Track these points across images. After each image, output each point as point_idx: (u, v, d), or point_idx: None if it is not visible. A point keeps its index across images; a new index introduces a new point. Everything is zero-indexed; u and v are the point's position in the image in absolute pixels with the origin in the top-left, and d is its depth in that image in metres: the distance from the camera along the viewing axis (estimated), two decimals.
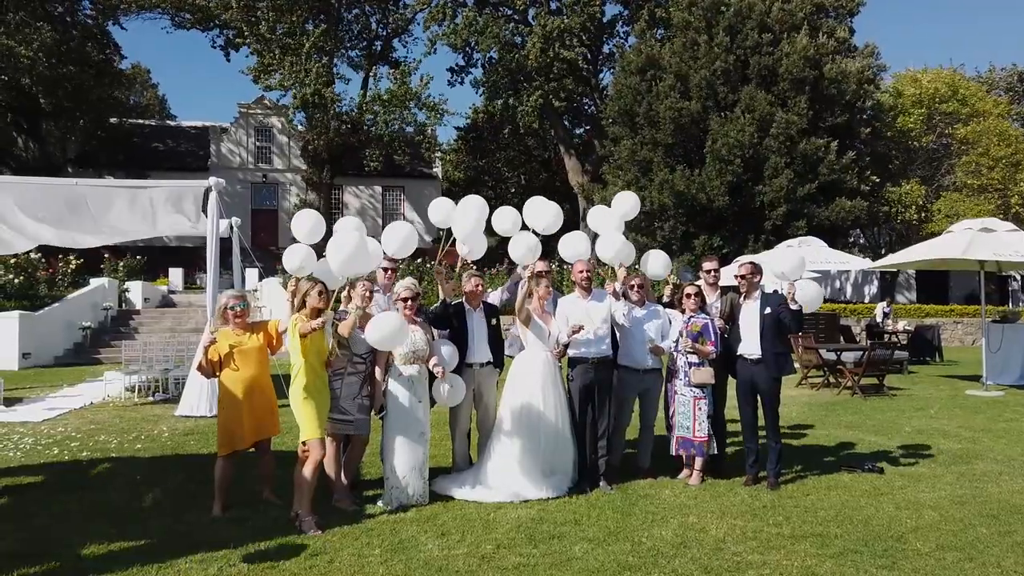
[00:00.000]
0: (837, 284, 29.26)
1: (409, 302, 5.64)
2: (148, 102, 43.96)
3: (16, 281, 16.94)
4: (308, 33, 27.16)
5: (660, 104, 23.06)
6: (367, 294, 5.53)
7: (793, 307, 6.11)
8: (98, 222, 7.77)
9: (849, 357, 12.11)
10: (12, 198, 6.95)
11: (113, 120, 30.82)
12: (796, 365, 12.66)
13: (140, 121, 36.05)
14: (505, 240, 6.69)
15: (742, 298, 6.41)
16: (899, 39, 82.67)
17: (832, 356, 12.17)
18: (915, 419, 9.33)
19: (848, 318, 20.57)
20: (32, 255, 17.88)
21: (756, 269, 6.91)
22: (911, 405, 10.48)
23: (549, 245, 6.89)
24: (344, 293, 5.75)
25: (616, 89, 25.69)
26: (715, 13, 23.27)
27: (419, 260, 21.96)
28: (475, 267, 6.69)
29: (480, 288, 6.33)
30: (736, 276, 6.41)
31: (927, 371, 15.02)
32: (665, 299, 7.17)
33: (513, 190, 43.33)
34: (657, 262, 6.76)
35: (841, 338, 16.18)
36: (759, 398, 6.23)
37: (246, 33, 27.13)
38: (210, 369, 5.36)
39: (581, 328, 5.85)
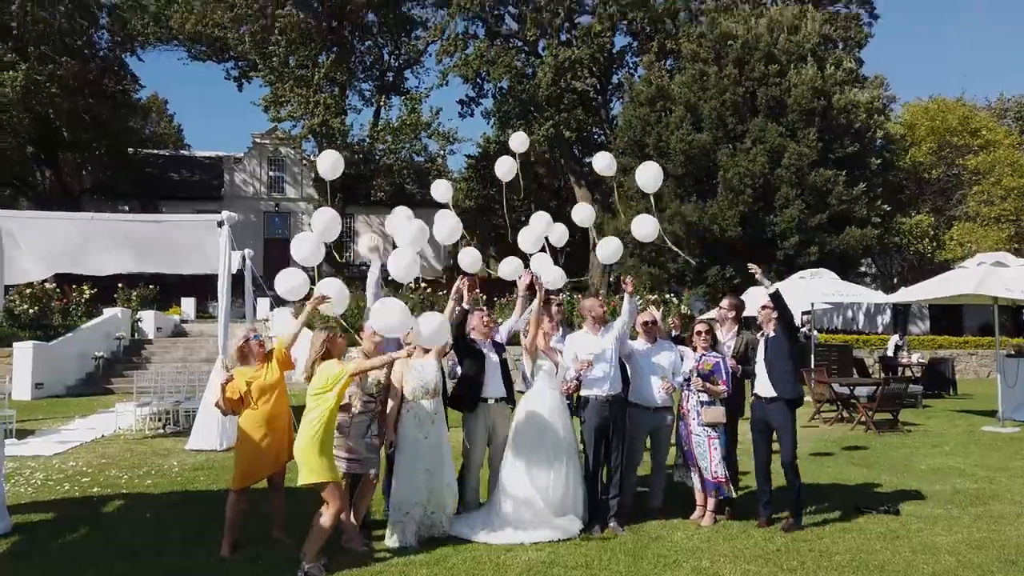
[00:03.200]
0: (849, 314, 29.08)
1: None
2: (164, 131, 44.58)
3: (31, 311, 17.08)
4: (320, 65, 27.57)
5: (671, 135, 23.19)
6: (377, 337, 5.56)
7: (770, 290, 6.08)
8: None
9: (862, 391, 12.01)
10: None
11: (129, 150, 31.23)
12: (808, 398, 12.58)
13: (155, 151, 36.53)
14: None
15: (760, 334, 6.34)
16: (908, 70, 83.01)
17: (845, 390, 12.07)
18: (930, 457, 9.21)
19: (861, 349, 20.42)
20: (47, 285, 18.06)
21: (742, 304, 6.94)
22: (926, 441, 10.36)
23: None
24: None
25: (626, 120, 25.88)
26: (723, 45, 23.48)
27: (428, 289, 22.04)
28: (480, 292, 6.71)
29: (486, 321, 6.33)
30: (761, 308, 6.28)
31: (942, 405, 14.85)
32: (674, 333, 7.17)
33: (523, 218, 43.52)
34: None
35: (854, 371, 16.04)
36: (775, 436, 6.15)
37: (260, 65, 27.56)
38: (229, 408, 5.37)
39: (590, 364, 5.83)
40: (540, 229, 6.94)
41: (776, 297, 6.05)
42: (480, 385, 6.07)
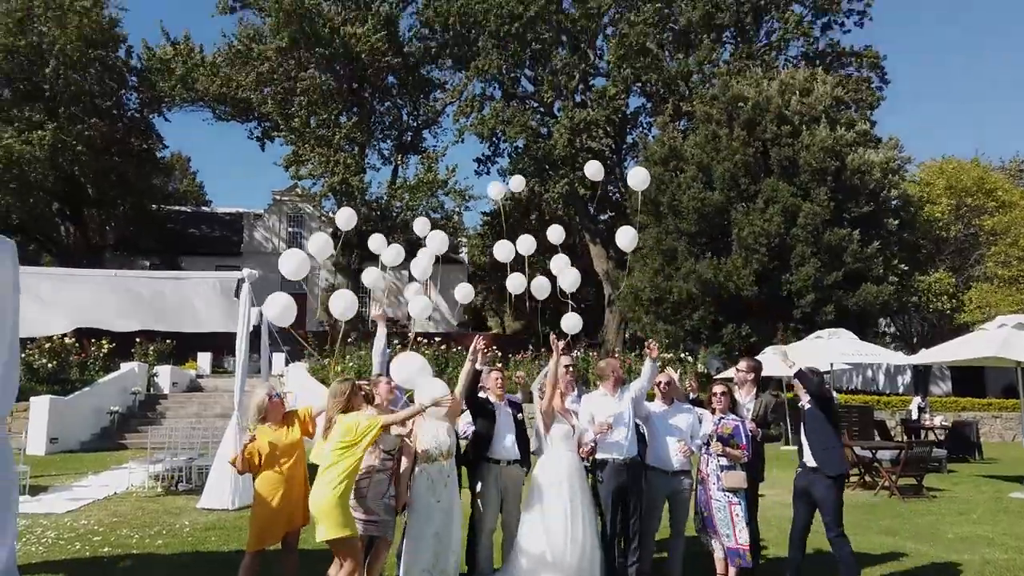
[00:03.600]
0: (869, 373, 28.73)
1: None
2: (186, 188, 45.56)
3: (49, 365, 17.21)
4: (341, 125, 28.23)
5: (683, 194, 23.39)
6: (391, 390, 5.56)
7: (793, 370, 5.97)
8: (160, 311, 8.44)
9: (885, 455, 11.76)
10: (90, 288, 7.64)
11: (152, 207, 31.86)
12: None
13: (177, 208, 37.27)
14: (531, 324, 6.83)
15: (800, 402, 6.21)
16: (922, 130, 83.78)
17: (867, 454, 11.82)
18: (957, 524, 8.94)
19: (882, 411, 20.06)
20: (67, 339, 18.25)
21: (759, 365, 6.84)
22: (952, 508, 10.08)
23: (573, 338, 6.98)
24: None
25: None
26: (735, 107, 23.84)
27: (444, 346, 22.05)
28: (496, 349, 6.74)
29: (501, 381, 6.28)
30: (793, 376, 6.14)
31: (967, 470, 14.48)
32: (692, 395, 7.08)
33: (538, 274, 43.81)
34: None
35: (876, 433, 15.73)
36: (817, 508, 5.93)
37: (282, 126, 28.27)
38: (245, 468, 5.32)
39: (610, 427, 5.76)
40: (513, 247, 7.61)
41: (800, 375, 5.98)
42: (492, 446, 6.00)
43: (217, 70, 28.73)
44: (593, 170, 7.73)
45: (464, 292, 7.75)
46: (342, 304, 7.88)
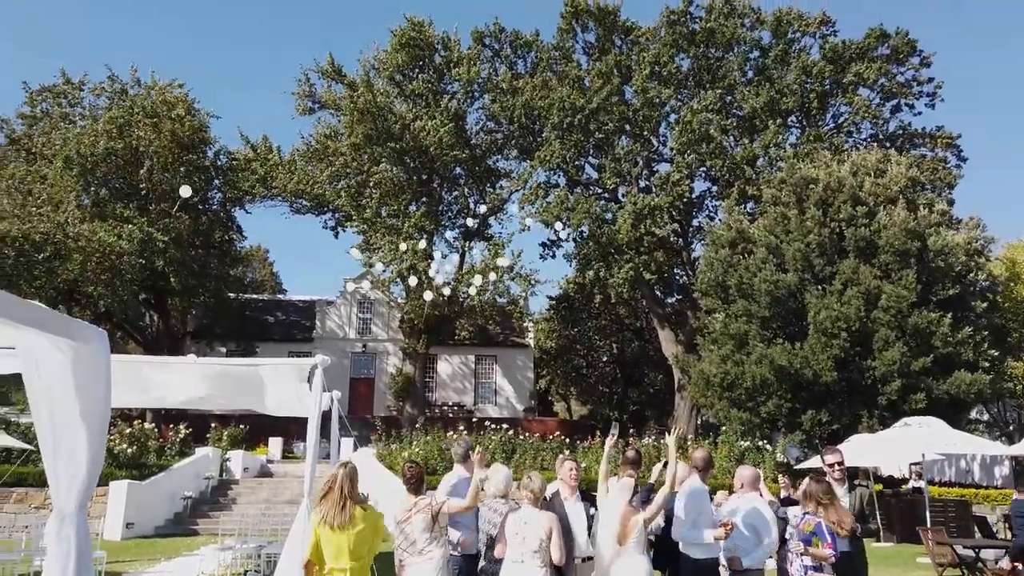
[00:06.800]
0: (962, 464, 26.81)
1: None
2: (263, 278, 47.43)
3: (129, 451, 17.69)
4: (410, 215, 29.17)
5: (753, 277, 22.92)
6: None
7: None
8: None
9: (989, 554, 10.83)
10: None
11: (230, 295, 33.17)
12: (925, 559, 11.44)
13: (254, 296, 38.74)
14: (598, 410, 6.64)
15: None
16: (1005, 209, 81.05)
17: (970, 553, 10.91)
18: None
19: (980, 505, 18.66)
20: (146, 425, 18.82)
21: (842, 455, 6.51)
22: None
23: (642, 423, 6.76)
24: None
25: (706, 262, 25.88)
26: (804, 189, 23.53)
27: (511, 432, 21.77)
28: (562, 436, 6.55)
29: (575, 472, 6.12)
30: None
31: None
32: (783, 494, 6.73)
33: (605, 358, 43.27)
34: None
35: (976, 530, 14.57)
36: None
37: (354, 216, 29.40)
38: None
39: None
40: None
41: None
42: (572, 543, 5.78)
43: (294, 167, 30.30)
44: None
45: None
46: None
